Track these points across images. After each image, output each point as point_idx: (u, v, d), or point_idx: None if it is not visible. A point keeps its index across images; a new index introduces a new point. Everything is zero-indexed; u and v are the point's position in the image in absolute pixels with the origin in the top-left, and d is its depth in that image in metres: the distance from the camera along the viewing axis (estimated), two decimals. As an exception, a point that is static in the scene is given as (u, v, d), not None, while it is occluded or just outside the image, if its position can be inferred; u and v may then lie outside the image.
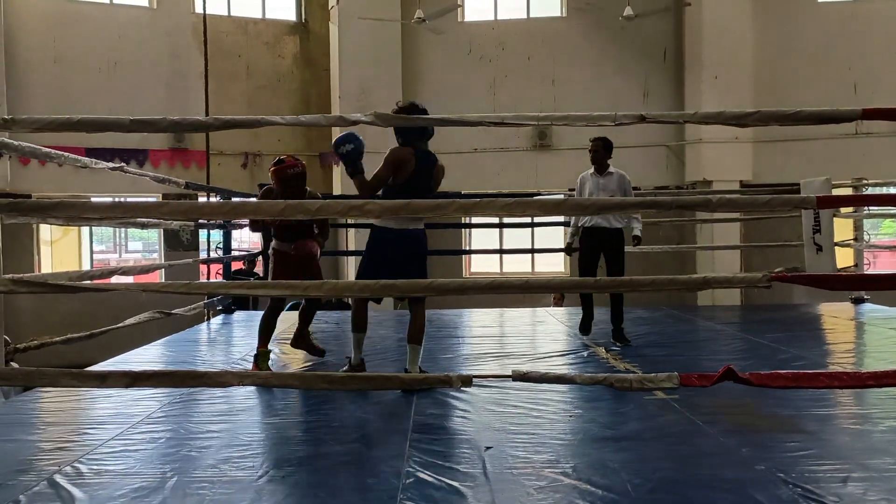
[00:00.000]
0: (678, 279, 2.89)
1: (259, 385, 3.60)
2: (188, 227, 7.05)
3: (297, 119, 2.83)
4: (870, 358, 5.26)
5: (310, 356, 5.04)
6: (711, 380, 2.63)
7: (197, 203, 3.73)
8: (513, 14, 13.37)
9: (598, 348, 5.29)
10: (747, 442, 3.06)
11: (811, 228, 6.99)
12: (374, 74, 12.55)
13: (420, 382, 3.37)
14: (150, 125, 2.69)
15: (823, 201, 3.01)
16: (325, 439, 3.24)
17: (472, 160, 12.71)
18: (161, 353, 5.55)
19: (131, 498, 2.54)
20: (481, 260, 13.34)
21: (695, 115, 2.88)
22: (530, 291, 2.64)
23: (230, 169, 12.97)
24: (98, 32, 12.43)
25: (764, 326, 5.16)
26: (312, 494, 2.58)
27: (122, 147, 11.79)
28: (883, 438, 3.10)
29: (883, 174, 10.47)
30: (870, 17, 12.56)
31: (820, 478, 2.62)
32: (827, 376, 2.86)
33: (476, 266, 13.36)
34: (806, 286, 3.16)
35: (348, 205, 2.98)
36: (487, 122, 2.85)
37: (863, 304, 7.49)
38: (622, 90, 12.63)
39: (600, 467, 2.79)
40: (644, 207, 2.93)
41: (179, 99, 12.20)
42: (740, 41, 12.29)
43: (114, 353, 5.25)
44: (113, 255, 14.43)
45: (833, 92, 11.98)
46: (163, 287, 2.84)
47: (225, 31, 13.09)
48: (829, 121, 2.75)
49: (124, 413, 3.62)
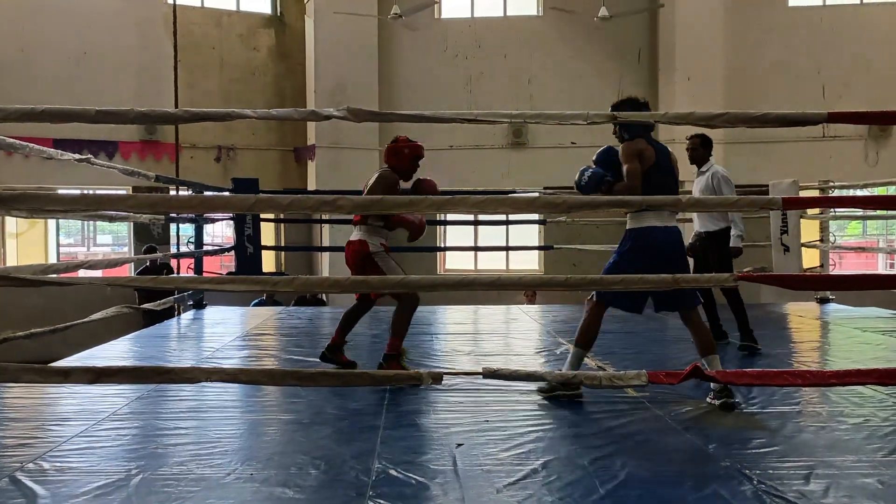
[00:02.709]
0: (648, 278, 2.92)
1: (228, 381, 3.56)
2: (159, 221, 6.94)
3: (269, 113, 2.80)
4: (833, 357, 5.36)
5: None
6: (679, 377, 2.66)
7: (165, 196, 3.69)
8: (489, 12, 13.39)
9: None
10: (713, 439, 3.10)
11: (779, 229, 7.10)
12: (350, 70, 12.51)
13: (391, 379, 3.36)
14: (117, 116, 2.65)
15: (789, 202, 3.06)
16: (295, 436, 3.23)
17: (448, 157, 12.70)
18: (128, 349, 5.47)
19: (95, 495, 2.50)
20: (456, 257, 13.36)
21: (665, 116, 2.91)
22: (500, 288, 2.65)
23: (203, 162, 12.84)
24: (66, 21, 12.20)
25: (731, 325, 5.22)
26: (281, 492, 2.56)
27: (90, 139, 11.60)
28: (845, 436, 3.15)
29: (849, 177, 10.67)
30: (838, 23, 12.80)
31: (783, 474, 2.67)
32: (791, 374, 2.90)
33: (451, 263, 13.37)
34: (773, 286, 3.20)
35: (320, 200, 2.96)
36: (461, 119, 2.85)
37: (828, 304, 7.63)
38: (597, 90, 12.71)
39: (569, 464, 2.81)
40: (613, 206, 2.95)
41: (150, 91, 12.02)
42: (712, 44, 12.45)
43: (80, 349, 5.17)
44: (81, 248, 14.18)
45: (802, 95, 12.19)
46: (130, 281, 2.80)
47: (197, 22, 12.93)
48: (796, 124, 2.79)
49: (89, 409, 3.57)
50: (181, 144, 11.27)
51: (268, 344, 5.93)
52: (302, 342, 5.92)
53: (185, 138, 11.78)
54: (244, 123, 12.83)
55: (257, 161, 13.19)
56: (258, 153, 13.31)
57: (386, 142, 15.09)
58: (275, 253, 13.05)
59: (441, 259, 13.21)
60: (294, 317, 7.39)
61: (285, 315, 7.55)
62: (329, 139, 12.47)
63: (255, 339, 6.02)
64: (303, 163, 13.37)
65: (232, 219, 8.45)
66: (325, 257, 12.49)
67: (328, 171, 12.38)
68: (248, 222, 8.11)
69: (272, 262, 13.18)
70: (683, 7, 12.32)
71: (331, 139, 12.46)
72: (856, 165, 12.38)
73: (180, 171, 10.61)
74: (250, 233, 8.13)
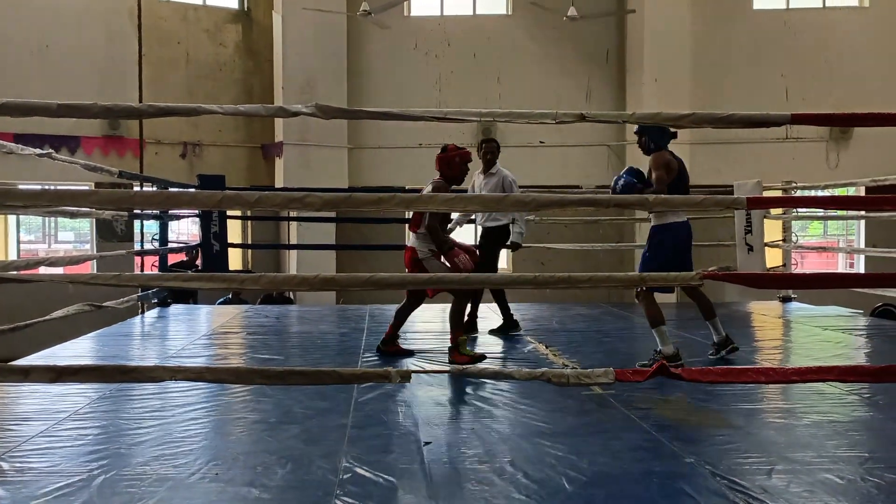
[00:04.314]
0: (615, 276, 2.94)
1: (193, 380, 3.51)
2: (122, 218, 6.82)
3: (236, 108, 2.77)
4: (795, 354, 5.46)
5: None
6: (645, 375, 2.69)
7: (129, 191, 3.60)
8: (459, 10, 13.40)
9: (539, 344, 5.36)
10: (678, 436, 3.14)
11: (743, 229, 7.21)
12: (319, 67, 12.41)
13: (358, 377, 3.35)
14: (79, 110, 2.59)
15: (753, 202, 3.11)
16: (261, 436, 3.20)
17: (418, 156, 12.67)
18: (91, 348, 5.37)
19: (55, 496, 2.45)
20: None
21: (633, 116, 2.94)
22: (469, 286, 2.65)
23: (168, 159, 12.64)
24: (28, 13, 11.92)
25: (697, 323, 5.29)
26: (246, 492, 2.53)
27: (53, 134, 11.34)
28: (806, 432, 3.22)
29: (810, 178, 10.88)
30: (801, 26, 13.04)
31: (746, 470, 2.71)
32: (754, 372, 2.95)
33: (419, 262, 13.35)
34: (737, 285, 3.26)
35: (288, 197, 2.93)
36: (430, 117, 2.84)
37: (790, 303, 7.78)
38: (566, 90, 12.80)
39: (536, 461, 2.82)
40: (582, 205, 2.97)
41: (114, 85, 11.78)
42: (679, 46, 12.60)
43: (41, 348, 5.06)
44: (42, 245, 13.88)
45: (765, 97, 12.40)
46: (92, 278, 2.74)
47: (163, 16, 12.73)
48: (760, 125, 2.83)
49: (50, 409, 3.50)
50: (146, 140, 11.07)
51: (234, 342, 5.86)
52: (269, 341, 5.87)
53: (149, 134, 11.58)
54: (211, 119, 12.66)
55: (224, 158, 13.03)
56: (225, 150, 13.15)
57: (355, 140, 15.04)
58: (241, 251, 12.92)
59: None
60: (261, 315, 7.32)
61: (252, 313, 7.47)
62: (297, 136, 12.37)
63: (221, 338, 5.95)
64: (270, 160, 13.24)
65: (198, 216, 8.33)
66: (292, 255, 12.39)
67: (296, 168, 12.28)
68: (214, 219, 8.01)
69: (239, 261, 13.04)
70: (651, 10, 12.46)
71: (299, 136, 12.36)
72: (817, 167, 12.64)
73: (145, 167, 10.42)
74: (217, 230, 8.03)
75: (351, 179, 12.54)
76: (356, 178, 12.60)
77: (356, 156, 12.79)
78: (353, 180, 12.53)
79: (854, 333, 6.04)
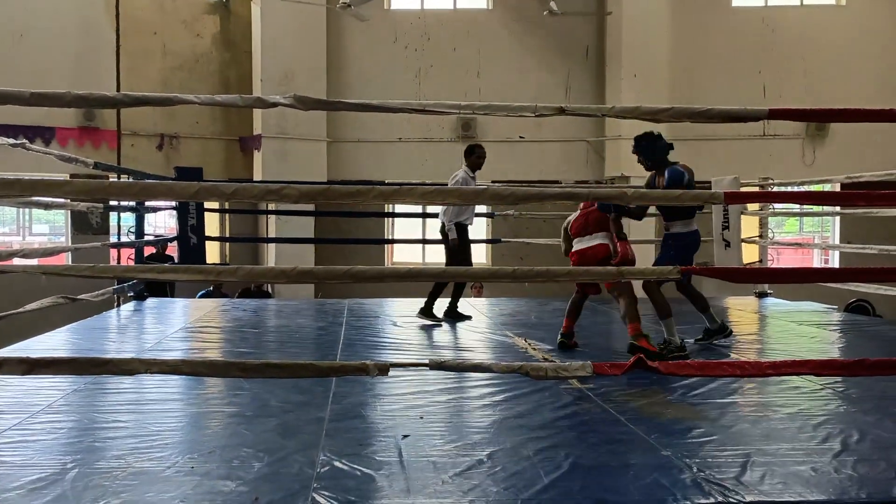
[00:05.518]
0: (593, 270, 2.95)
1: (169, 373, 3.47)
2: (97, 210, 6.73)
3: (213, 99, 2.73)
4: (770, 349, 5.52)
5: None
6: (623, 368, 2.70)
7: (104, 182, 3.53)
8: (439, 4, 13.36)
9: (518, 338, 5.37)
10: (654, 429, 3.17)
11: (720, 225, 7.27)
12: (298, 59, 12.31)
13: (336, 371, 3.33)
14: (53, 99, 2.55)
15: (731, 197, 3.13)
16: (238, 429, 3.17)
17: (397, 149, 12.65)
18: (66, 341, 5.30)
19: (28, 490, 2.42)
20: (404, 250, 13.31)
21: (612, 110, 2.93)
22: (448, 279, 2.64)
23: (144, 150, 12.48)
24: (2, 1, 11.71)
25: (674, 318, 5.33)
26: (223, 485, 2.51)
27: (27, 124, 11.16)
28: (780, 425, 3.25)
29: (786, 175, 10.99)
30: (778, 23, 13.16)
31: (721, 463, 2.74)
32: (730, 366, 2.97)
33: (399, 256, 13.32)
34: (714, 279, 3.28)
35: (265, 189, 2.91)
36: (409, 109, 2.82)
37: (766, 298, 7.87)
38: (545, 85, 12.81)
39: (514, 455, 2.83)
40: (561, 199, 2.98)
41: (90, 75, 11.61)
42: (658, 42, 12.66)
43: (15, 341, 4.99)
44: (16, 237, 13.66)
45: (743, 94, 12.50)
46: (66, 270, 2.70)
47: (140, 6, 12.53)
48: (738, 119, 2.85)
49: (23, 402, 3.45)
50: (122, 131, 10.92)
51: (211, 336, 5.82)
52: (247, 334, 5.83)
53: (125, 125, 11.41)
54: (188, 111, 12.52)
55: (201, 150, 12.89)
56: (202, 142, 13.00)
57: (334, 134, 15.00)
58: (219, 244, 12.80)
59: (389, 251, 13.15)
60: (239, 308, 7.27)
61: (229, 307, 7.42)
62: (276, 129, 12.27)
63: (197, 331, 5.90)
64: (249, 153, 13.13)
65: (175, 208, 8.25)
66: (271, 249, 12.30)
67: (275, 161, 12.19)
68: (191, 212, 7.93)
69: (216, 254, 12.93)
70: (630, 6, 12.50)
71: (277, 129, 12.26)
72: (793, 164, 12.77)
73: (121, 159, 10.30)
74: (194, 223, 7.95)
75: (330, 173, 12.48)
76: (335, 171, 12.53)
77: (335, 149, 12.71)
78: (333, 174, 12.47)
79: (828, 328, 6.12)
